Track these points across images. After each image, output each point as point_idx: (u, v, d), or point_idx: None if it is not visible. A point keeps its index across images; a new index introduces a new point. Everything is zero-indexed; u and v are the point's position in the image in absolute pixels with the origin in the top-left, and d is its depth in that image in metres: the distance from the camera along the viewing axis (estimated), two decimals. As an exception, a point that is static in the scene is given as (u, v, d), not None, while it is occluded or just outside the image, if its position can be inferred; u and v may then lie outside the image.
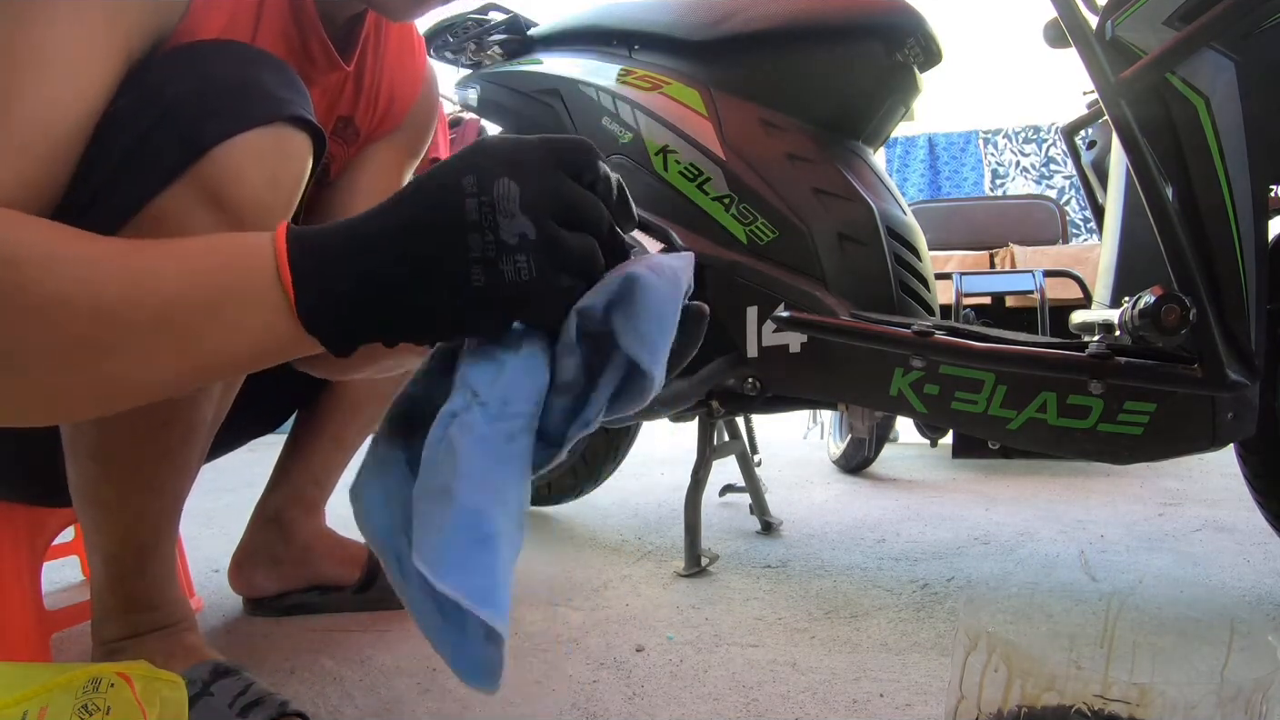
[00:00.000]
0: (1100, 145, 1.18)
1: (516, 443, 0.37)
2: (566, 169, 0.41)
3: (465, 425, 0.36)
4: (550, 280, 0.39)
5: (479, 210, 0.39)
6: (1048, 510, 1.58)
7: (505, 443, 0.36)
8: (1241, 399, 0.81)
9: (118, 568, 0.66)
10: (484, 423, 0.36)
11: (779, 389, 1.07)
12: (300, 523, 0.97)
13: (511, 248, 0.38)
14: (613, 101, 1.17)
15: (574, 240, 0.40)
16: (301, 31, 0.63)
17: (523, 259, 0.38)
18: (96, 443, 0.60)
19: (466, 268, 0.39)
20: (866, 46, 1.05)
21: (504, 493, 0.36)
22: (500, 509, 0.35)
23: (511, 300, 0.39)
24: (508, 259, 0.38)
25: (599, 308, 0.39)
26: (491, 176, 0.39)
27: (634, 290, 0.38)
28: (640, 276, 0.38)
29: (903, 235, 1.04)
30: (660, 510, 1.63)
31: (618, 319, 0.38)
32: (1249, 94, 0.78)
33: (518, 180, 0.39)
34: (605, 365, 0.39)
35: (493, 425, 0.36)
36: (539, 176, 0.40)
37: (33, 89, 0.45)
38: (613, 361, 0.39)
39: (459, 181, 0.39)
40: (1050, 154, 5.18)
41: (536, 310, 0.40)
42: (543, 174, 0.40)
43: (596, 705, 0.72)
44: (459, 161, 0.40)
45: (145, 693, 0.54)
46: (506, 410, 0.37)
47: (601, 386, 0.39)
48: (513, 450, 0.37)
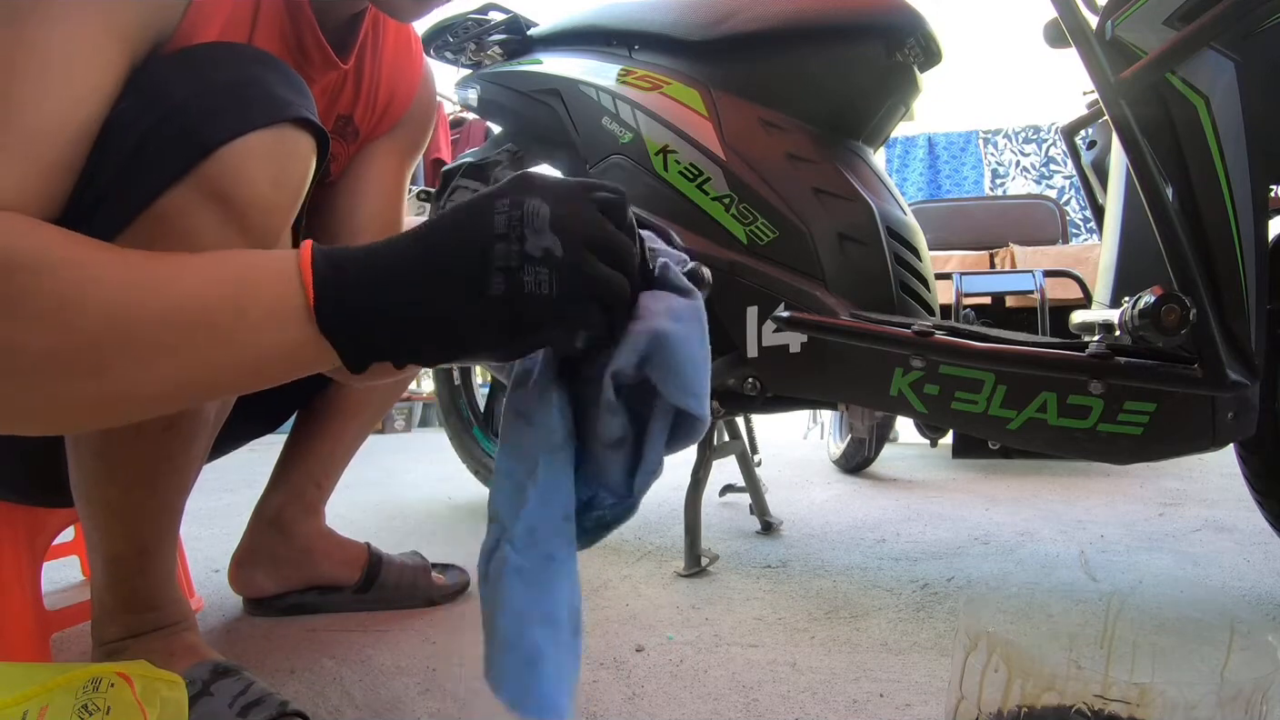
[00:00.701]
0: (1100, 145, 1.18)
1: (555, 561, 0.39)
2: (599, 204, 0.42)
3: (499, 562, 0.40)
4: (571, 301, 0.39)
5: (507, 224, 0.39)
6: (1048, 510, 1.58)
7: (544, 565, 0.39)
8: (1241, 399, 0.81)
9: (118, 568, 0.66)
10: (516, 555, 0.39)
11: (779, 389, 1.07)
12: (300, 523, 0.97)
13: (535, 259, 0.39)
14: (613, 101, 1.17)
15: (604, 270, 0.40)
16: (298, 31, 0.63)
17: (544, 272, 0.39)
18: (100, 443, 0.60)
19: (488, 274, 0.39)
20: (866, 46, 1.05)
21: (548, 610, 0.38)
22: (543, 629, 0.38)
23: (530, 316, 0.39)
24: (530, 269, 0.39)
25: (630, 367, 0.39)
26: (523, 196, 0.40)
27: (666, 347, 0.39)
28: (667, 332, 0.39)
29: (903, 235, 1.04)
30: (660, 510, 1.63)
31: (656, 374, 0.39)
32: (1249, 94, 0.78)
33: (549, 203, 0.40)
34: (651, 412, 0.41)
35: (524, 555, 0.39)
36: (571, 203, 0.40)
37: (34, 95, 0.45)
38: (659, 408, 0.40)
39: (492, 200, 0.40)
40: (1050, 154, 5.18)
41: (553, 331, 0.40)
42: (575, 202, 0.41)
43: (596, 705, 0.72)
44: (498, 186, 0.41)
45: (145, 693, 0.54)
46: (534, 539, 0.39)
47: (656, 434, 0.41)
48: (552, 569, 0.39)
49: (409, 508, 1.73)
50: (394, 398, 1.03)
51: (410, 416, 4.10)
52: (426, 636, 0.90)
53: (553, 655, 0.38)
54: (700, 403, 0.39)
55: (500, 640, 0.38)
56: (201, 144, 0.48)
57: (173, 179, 0.48)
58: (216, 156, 0.48)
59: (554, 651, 0.38)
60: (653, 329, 0.40)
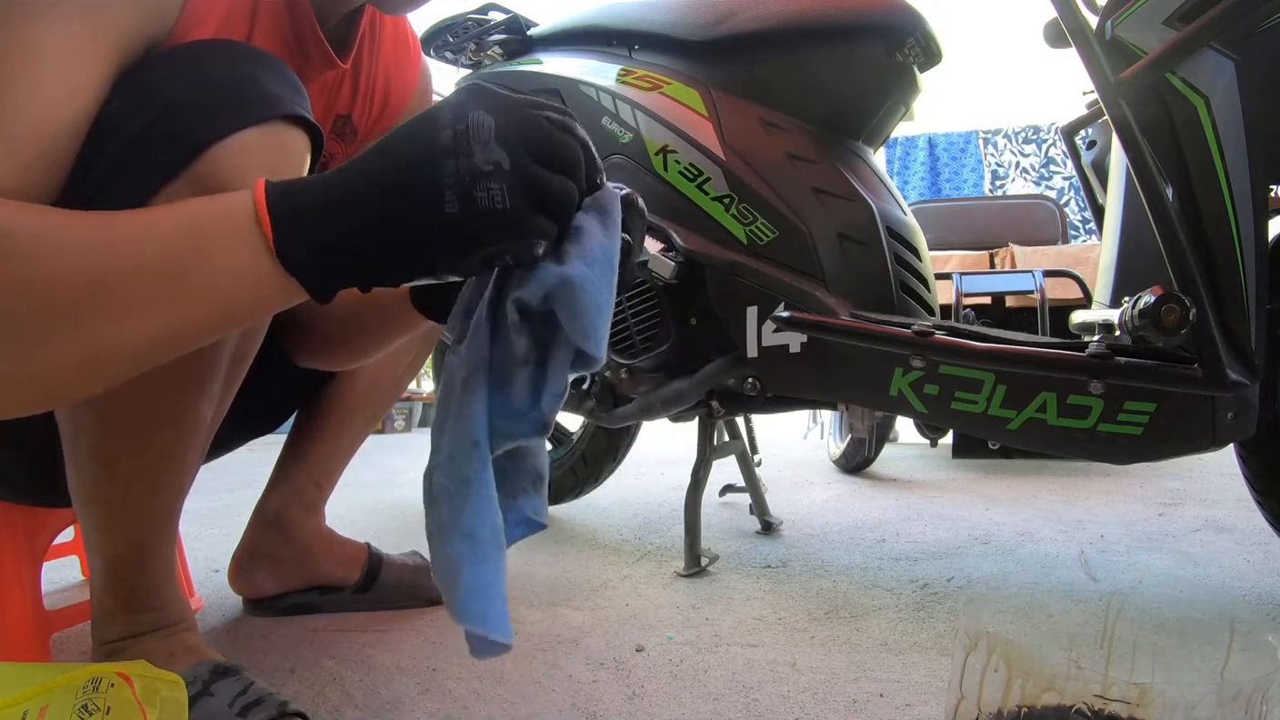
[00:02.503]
0: (1100, 145, 1.18)
1: (472, 483, 0.43)
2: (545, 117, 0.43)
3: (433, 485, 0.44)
4: (524, 213, 0.41)
5: (453, 138, 0.40)
6: (1048, 510, 1.58)
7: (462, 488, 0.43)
8: (1241, 399, 0.81)
9: (118, 568, 0.66)
10: (442, 478, 0.44)
11: (779, 389, 1.07)
12: (300, 523, 0.97)
13: (485, 174, 0.40)
14: (613, 101, 1.17)
15: (551, 179, 0.42)
16: (297, 30, 0.63)
17: (496, 187, 0.40)
18: (97, 443, 0.60)
19: (440, 194, 0.40)
20: (866, 46, 1.05)
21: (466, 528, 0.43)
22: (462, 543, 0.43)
23: (485, 231, 0.41)
24: (480, 185, 0.40)
25: (535, 299, 0.43)
26: (467, 110, 0.41)
27: (571, 291, 0.42)
28: (574, 277, 0.42)
29: (903, 235, 1.04)
30: (660, 510, 1.63)
31: (561, 314, 0.43)
32: (1249, 94, 0.78)
33: (494, 114, 0.41)
34: (553, 341, 0.45)
35: (448, 478, 0.44)
36: (516, 114, 0.41)
37: (22, 93, 0.45)
38: (560, 343, 0.45)
39: (436, 115, 0.41)
40: (1050, 154, 5.18)
41: (506, 243, 0.42)
42: (519, 113, 0.42)
43: (596, 705, 0.72)
44: (441, 102, 0.43)
45: (145, 693, 0.54)
46: (453, 463, 0.44)
47: (560, 360, 0.45)
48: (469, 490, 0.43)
49: (409, 508, 1.73)
50: (394, 397, 1.03)
51: (410, 416, 4.11)
52: (426, 636, 0.90)
53: (470, 567, 0.42)
54: (598, 346, 0.43)
55: (434, 555, 0.44)
56: (194, 142, 0.48)
57: (166, 178, 0.48)
58: (209, 155, 0.48)
59: (472, 564, 0.42)
60: (562, 274, 0.43)
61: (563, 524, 1.52)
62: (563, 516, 1.58)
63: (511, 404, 0.45)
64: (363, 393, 0.97)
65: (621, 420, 1.22)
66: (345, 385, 0.97)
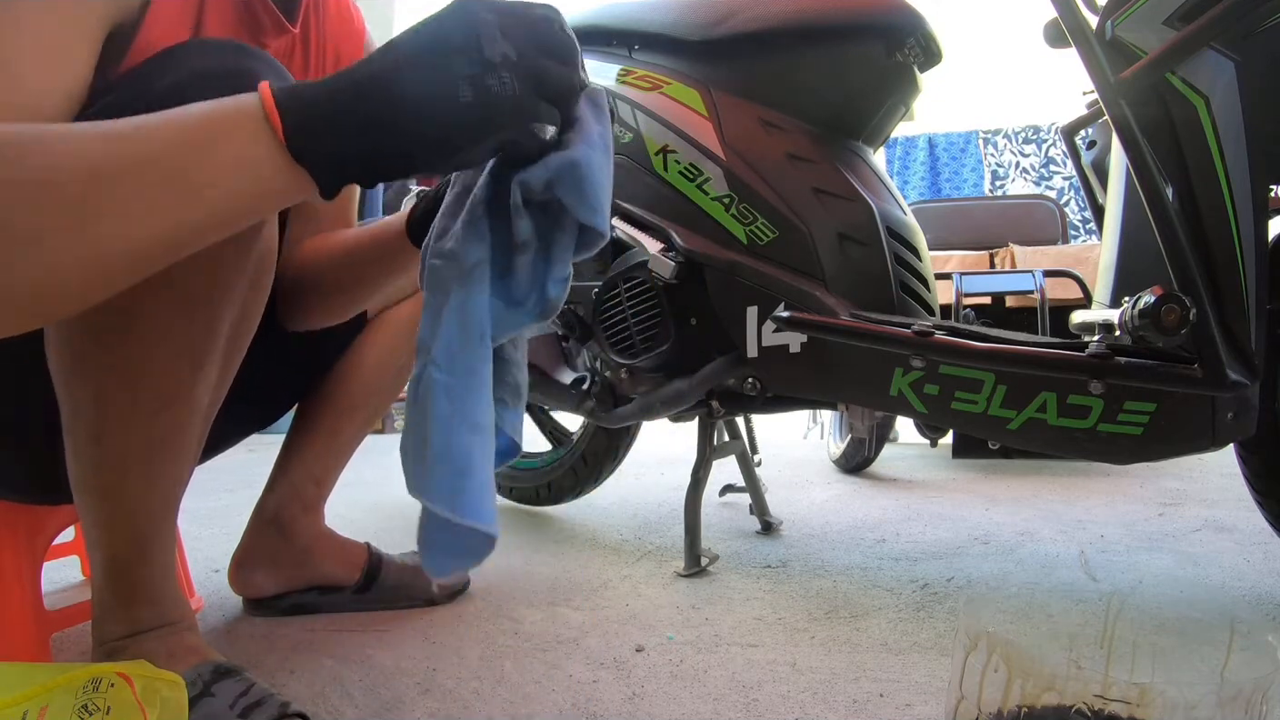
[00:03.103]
0: (1100, 145, 1.18)
1: (477, 375, 0.44)
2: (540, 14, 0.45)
3: (426, 383, 0.44)
4: (533, 99, 0.43)
5: (464, 38, 0.43)
6: (1048, 510, 1.58)
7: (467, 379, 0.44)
8: (1241, 399, 0.81)
9: (118, 562, 0.66)
10: (440, 374, 0.44)
11: (779, 389, 1.07)
12: (300, 523, 0.97)
13: (495, 65, 0.42)
14: (612, 101, 1.17)
15: (555, 68, 0.44)
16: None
17: (506, 76, 0.42)
18: (94, 423, 0.60)
19: (455, 83, 0.42)
20: (866, 46, 1.05)
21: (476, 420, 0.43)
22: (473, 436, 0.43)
23: (496, 116, 0.43)
24: (493, 75, 0.42)
25: (540, 183, 0.45)
26: (474, 12, 0.43)
27: (578, 171, 0.44)
28: (579, 159, 0.44)
29: (903, 235, 1.04)
30: (660, 510, 1.63)
31: (567, 195, 0.44)
32: (1249, 94, 0.78)
33: (495, 15, 0.43)
34: (555, 227, 0.46)
35: (448, 373, 0.44)
36: (518, 14, 0.44)
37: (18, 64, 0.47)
38: (563, 226, 0.46)
39: (441, 17, 0.44)
40: (1050, 154, 5.18)
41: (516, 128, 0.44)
42: (521, 13, 0.45)
43: (596, 705, 0.72)
44: (440, 10, 0.44)
45: (145, 693, 0.54)
46: (454, 357, 0.44)
47: (564, 243, 0.46)
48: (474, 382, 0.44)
49: (409, 508, 1.72)
50: (394, 393, 1.03)
51: (410, 416, 4.10)
52: (426, 636, 0.90)
53: (481, 463, 0.42)
54: (603, 219, 0.45)
55: (433, 453, 0.43)
56: None
57: None
58: None
59: (482, 459, 0.42)
60: (568, 156, 0.45)
61: (563, 524, 1.52)
62: (563, 516, 1.58)
63: (512, 291, 0.46)
64: (361, 389, 0.97)
65: (621, 420, 1.22)
66: (344, 382, 0.97)
